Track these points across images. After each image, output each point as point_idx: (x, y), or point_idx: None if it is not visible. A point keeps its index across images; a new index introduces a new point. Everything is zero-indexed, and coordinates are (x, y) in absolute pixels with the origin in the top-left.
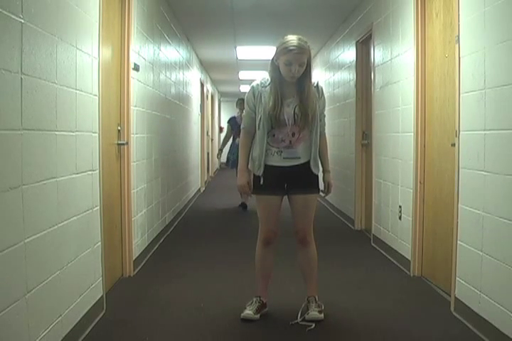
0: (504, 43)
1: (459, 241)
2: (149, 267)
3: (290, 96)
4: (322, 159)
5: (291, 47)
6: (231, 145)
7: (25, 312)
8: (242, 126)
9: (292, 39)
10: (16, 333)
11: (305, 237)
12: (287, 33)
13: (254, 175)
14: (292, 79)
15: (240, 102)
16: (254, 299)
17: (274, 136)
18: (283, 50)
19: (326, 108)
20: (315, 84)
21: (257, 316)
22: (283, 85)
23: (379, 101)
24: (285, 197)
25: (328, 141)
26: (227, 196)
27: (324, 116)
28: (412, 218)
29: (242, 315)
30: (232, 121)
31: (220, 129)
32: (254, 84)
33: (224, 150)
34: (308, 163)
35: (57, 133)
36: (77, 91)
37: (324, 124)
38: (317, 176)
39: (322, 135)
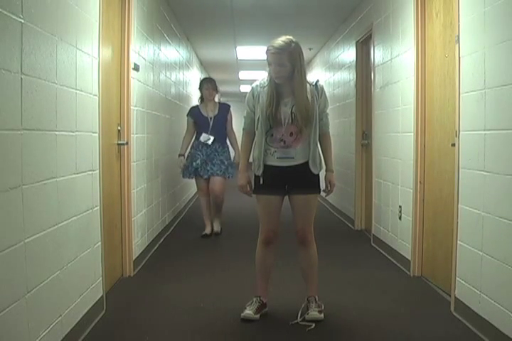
0: (504, 43)
1: (459, 241)
2: (149, 267)
3: (287, 95)
4: (325, 158)
5: (269, 48)
6: (192, 147)
7: (25, 312)
8: (243, 127)
9: (276, 40)
10: (16, 333)
11: (305, 237)
12: (287, 33)
13: (254, 174)
14: (277, 79)
15: (206, 82)
16: (254, 299)
17: (272, 135)
18: (266, 51)
19: None
20: (314, 83)
21: (257, 316)
22: (280, 85)
23: (379, 101)
24: (286, 197)
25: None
26: (227, 196)
27: (327, 114)
28: (412, 218)
29: (242, 315)
30: (194, 112)
31: None
32: (253, 85)
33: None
34: (307, 163)
35: (57, 133)
36: (77, 91)
37: (327, 123)
38: (317, 176)
39: (325, 134)
